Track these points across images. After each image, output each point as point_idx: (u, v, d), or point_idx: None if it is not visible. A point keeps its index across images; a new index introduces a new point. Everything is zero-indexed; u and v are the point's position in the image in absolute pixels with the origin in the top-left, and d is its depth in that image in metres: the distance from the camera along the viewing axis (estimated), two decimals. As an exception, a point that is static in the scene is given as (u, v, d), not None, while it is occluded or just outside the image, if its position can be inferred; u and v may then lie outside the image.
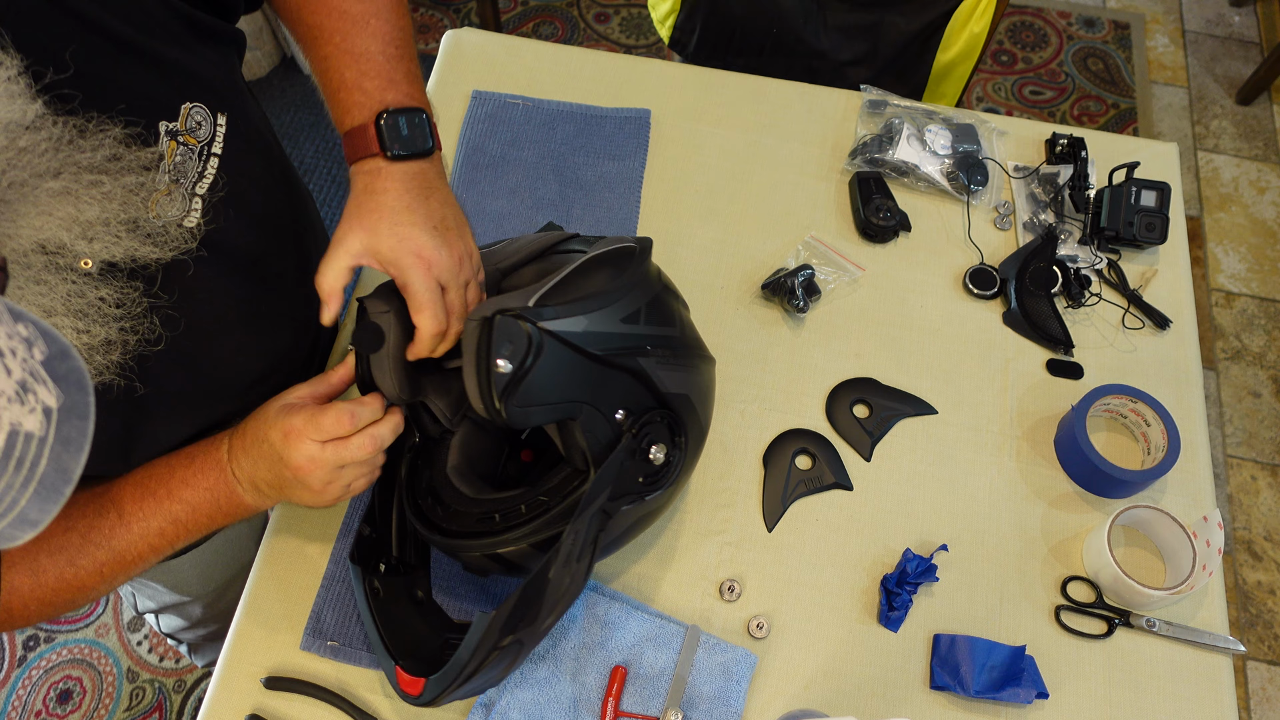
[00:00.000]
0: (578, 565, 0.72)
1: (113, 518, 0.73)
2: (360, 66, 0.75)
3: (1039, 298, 1.05)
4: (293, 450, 0.70)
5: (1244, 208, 2.30)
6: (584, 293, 0.72)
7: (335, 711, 0.82)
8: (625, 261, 0.77)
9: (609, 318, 0.72)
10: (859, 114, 1.18)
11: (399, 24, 0.79)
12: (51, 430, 0.38)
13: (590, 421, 0.72)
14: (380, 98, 0.75)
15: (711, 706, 0.82)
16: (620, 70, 1.22)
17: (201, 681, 1.69)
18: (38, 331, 0.38)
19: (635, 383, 0.74)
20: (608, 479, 0.72)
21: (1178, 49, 2.56)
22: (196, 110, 0.69)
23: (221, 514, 0.75)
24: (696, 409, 0.80)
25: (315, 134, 2.32)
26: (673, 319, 0.79)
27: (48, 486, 0.38)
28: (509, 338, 0.67)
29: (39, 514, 0.39)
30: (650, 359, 0.74)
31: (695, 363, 0.80)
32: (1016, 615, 0.89)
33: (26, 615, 0.72)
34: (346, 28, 0.76)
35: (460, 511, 0.77)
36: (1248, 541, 1.89)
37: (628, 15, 2.55)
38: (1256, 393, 2.06)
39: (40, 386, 0.38)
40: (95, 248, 0.61)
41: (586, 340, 0.70)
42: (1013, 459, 0.97)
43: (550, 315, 0.69)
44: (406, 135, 0.74)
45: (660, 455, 0.75)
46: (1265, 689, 1.76)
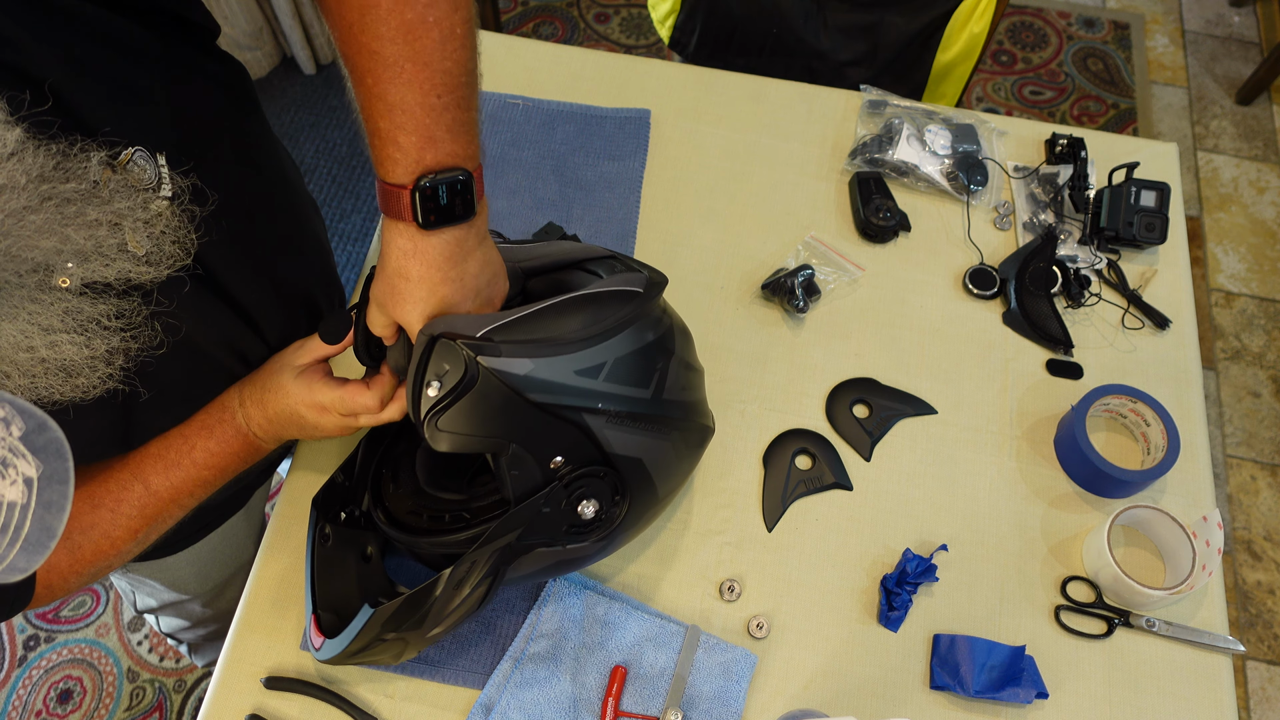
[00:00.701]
0: (472, 591, 0.73)
1: (139, 490, 0.76)
2: (394, 118, 0.66)
3: (1039, 298, 1.05)
4: (325, 422, 0.78)
5: (1244, 208, 2.30)
6: (547, 334, 0.70)
7: (335, 711, 0.82)
8: (615, 307, 0.73)
9: (561, 366, 0.70)
10: (859, 114, 1.18)
11: (445, 67, 0.67)
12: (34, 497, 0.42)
13: (517, 462, 0.70)
14: (418, 157, 0.67)
15: (711, 706, 0.82)
16: (620, 70, 1.22)
17: (201, 681, 1.69)
18: (14, 410, 0.42)
19: (579, 436, 0.71)
20: (517, 523, 0.71)
21: (1177, 49, 2.56)
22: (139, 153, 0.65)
23: (243, 461, 0.81)
24: (651, 475, 0.76)
25: (315, 134, 2.32)
26: (647, 379, 0.74)
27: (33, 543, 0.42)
28: (445, 362, 0.67)
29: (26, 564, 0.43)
30: (600, 418, 0.72)
31: (665, 429, 0.76)
32: (1016, 615, 0.89)
33: (66, 587, 0.76)
34: (377, 70, 0.66)
35: (404, 495, 0.81)
36: (1247, 541, 1.89)
37: (628, 15, 2.55)
38: (1256, 393, 2.06)
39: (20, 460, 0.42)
40: (88, 269, 0.61)
41: (527, 385, 0.68)
42: (1013, 459, 0.97)
43: (493, 351, 0.68)
44: (445, 204, 0.67)
45: (590, 511, 0.73)
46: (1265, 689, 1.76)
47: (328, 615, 0.80)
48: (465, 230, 0.69)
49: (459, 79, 0.68)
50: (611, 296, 0.74)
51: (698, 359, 0.84)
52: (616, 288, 0.75)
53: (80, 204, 0.59)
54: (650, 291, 0.76)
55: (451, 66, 0.67)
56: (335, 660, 0.76)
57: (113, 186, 0.62)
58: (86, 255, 0.60)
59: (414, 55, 0.65)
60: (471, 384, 0.67)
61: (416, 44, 0.65)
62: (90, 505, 0.74)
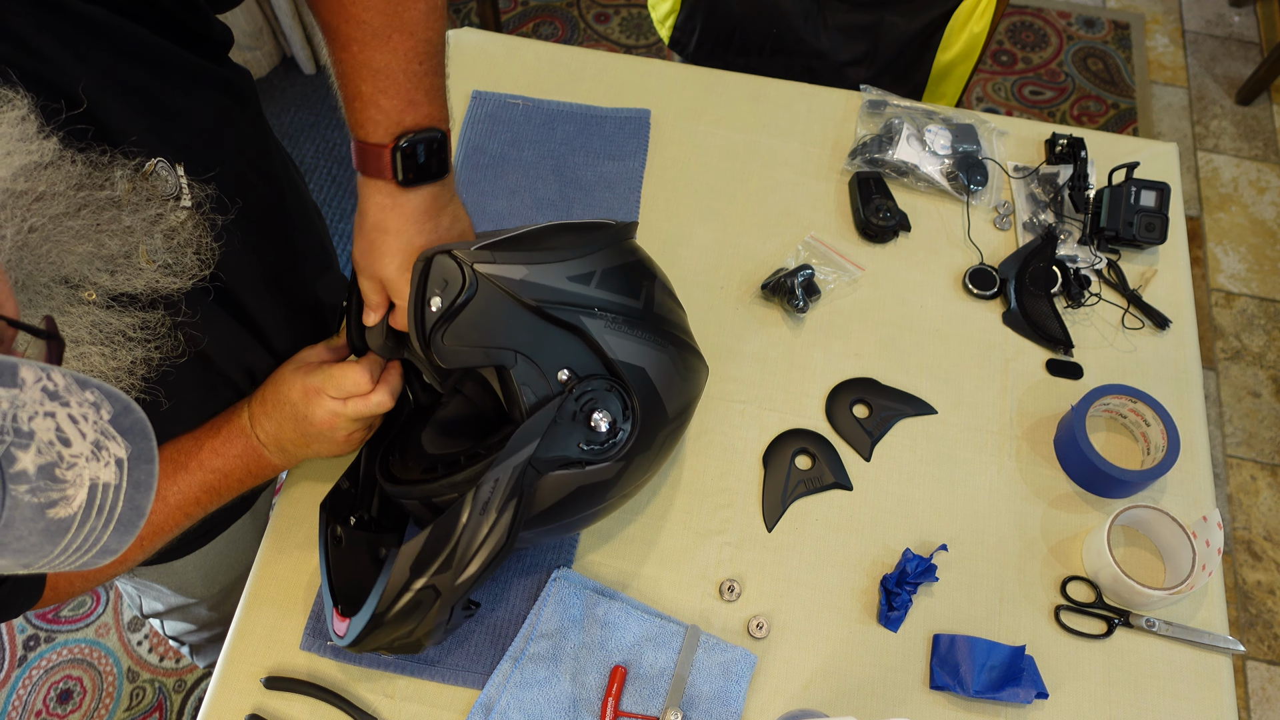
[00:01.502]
0: (498, 517, 0.72)
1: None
2: (378, 83, 0.72)
3: (1039, 298, 1.05)
4: (314, 408, 0.76)
5: (1244, 208, 2.30)
6: (538, 248, 0.73)
7: (335, 711, 0.82)
8: (596, 232, 0.78)
9: (553, 273, 0.72)
10: (859, 114, 1.18)
11: (426, 36, 0.73)
12: (125, 477, 0.43)
13: (526, 374, 0.72)
14: (398, 119, 0.72)
15: (711, 706, 0.82)
16: (620, 70, 1.22)
17: (201, 681, 1.69)
18: (102, 395, 0.42)
19: (581, 345, 0.73)
20: (535, 429, 0.71)
21: (1177, 49, 2.56)
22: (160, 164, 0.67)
23: (251, 476, 0.80)
24: (656, 388, 0.77)
25: (315, 134, 2.32)
26: (636, 291, 0.77)
27: (124, 523, 0.43)
28: (444, 276, 0.70)
29: (118, 544, 0.43)
30: (598, 321, 0.73)
31: (661, 341, 0.78)
32: (1016, 615, 0.89)
33: (71, 590, 0.75)
34: (365, 38, 0.71)
35: (411, 465, 0.81)
36: (1247, 541, 1.89)
37: (628, 15, 2.55)
38: (1256, 393, 2.06)
39: (111, 442, 0.42)
40: (117, 280, 0.62)
41: (523, 289, 0.71)
42: (1013, 459, 0.97)
43: (488, 259, 0.70)
44: (423, 163, 0.72)
45: (604, 423, 0.73)
46: (1265, 689, 1.76)
47: (350, 609, 0.77)
48: (439, 187, 0.74)
49: (436, 47, 0.74)
50: (589, 225, 0.78)
51: (677, 298, 0.85)
52: (592, 220, 0.80)
53: (114, 210, 0.60)
54: (622, 224, 0.81)
55: (433, 36, 0.73)
56: (361, 641, 0.73)
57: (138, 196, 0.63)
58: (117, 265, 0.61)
59: (401, 25, 0.71)
60: (473, 292, 0.70)
61: (404, 15, 0.71)
62: None
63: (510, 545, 0.73)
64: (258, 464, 0.80)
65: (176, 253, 0.66)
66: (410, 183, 0.72)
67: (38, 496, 0.40)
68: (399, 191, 0.72)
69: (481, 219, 1.09)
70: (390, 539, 0.86)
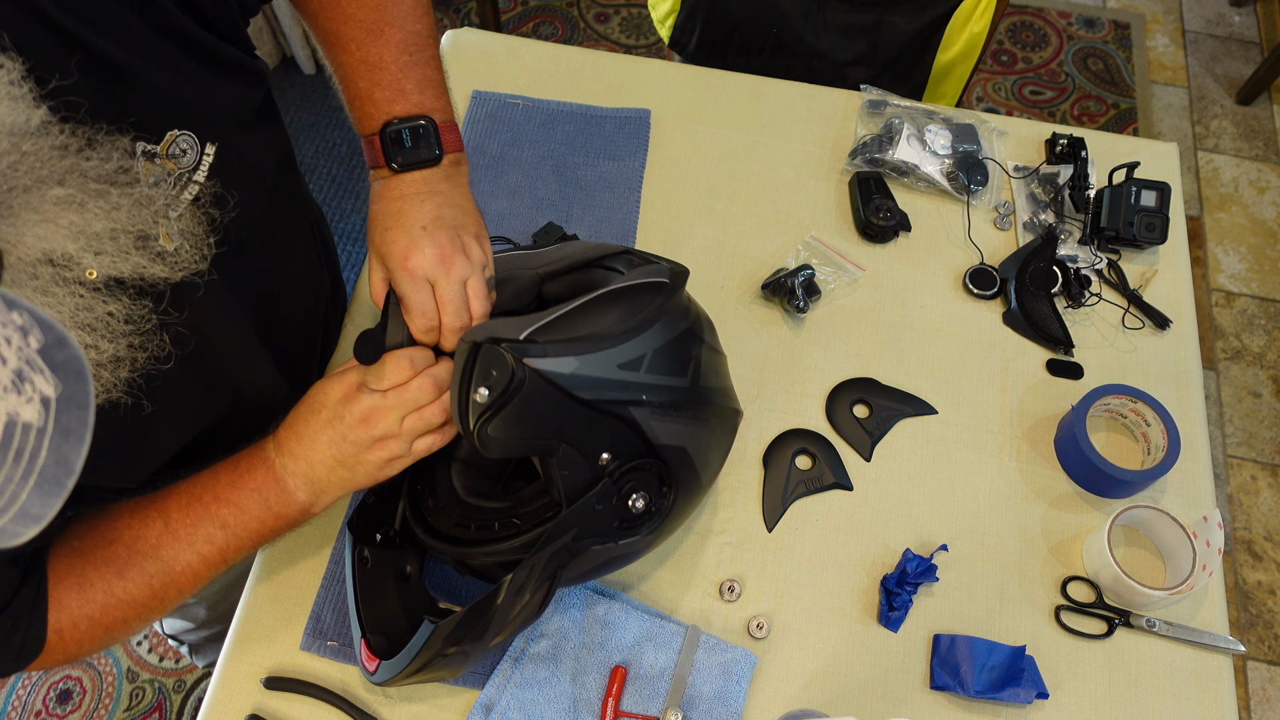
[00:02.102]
0: (531, 597, 0.72)
1: (158, 526, 0.71)
2: (373, 77, 0.76)
3: (1039, 298, 1.05)
4: (354, 404, 0.71)
5: (1244, 208, 2.30)
6: (586, 331, 0.70)
7: (335, 711, 0.82)
8: (647, 299, 0.74)
9: (604, 362, 0.70)
10: (859, 114, 1.18)
11: (415, 29, 0.79)
12: (50, 421, 0.37)
13: (568, 460, 0.70)
14: (388, 109, 0.76)
15: (711, 706, 0.82)
16: (620, 70, 1.22)
17: (201, 681, 1.69)
18: (33, 320, 0.37)
19: (625, 429, 0.71)
20: (572, 522, 0.70)
21: (1178, 49, 2.56)
22: (183, 138, 0.67)
23: (271, 514, 0.73)
24: (695, 463, 0.77)
25: (315, 134, 2.32)
26: (684, 368, 0.75)
27: (49, 479, 0.38)
28: (492, 368, 0.67)
29: (41, 508, 0.38)
30: (645, 409, 0.72)
31: (704, 415, 0.77)
32: (1016, 615, 0.89)
33: (78, 636, 0.70)
34: (361, 36, 0.77)
35: (445, 509, 0.78)
36: (1248, 541, 1.89)
37: (628, 15, 2.55)
38: (1256, 393, 2.06)
39: (37, 375, 0.37)
40: (103, 261, 0.60)
41: (574, 383, 0.68)
42: (1013, 459, 0.97)
43: (539, 352, 0.68)
44: (410, 146, 0.75)
45: (640, 504, 0.73)
46: (1265, 689, 1.76)
47: (376, 638, 0.78)
48: (434, 172, 0.76)
49: (426, 39, 0.79)
50: (640, 289, 0.75)
51: (720, 346, 0.84)
52: (644, 280, 0.76)
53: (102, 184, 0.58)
54: (676, 282, 0.77)
55: (420, 29, 0.79)
56: (393, 682, 0.75)
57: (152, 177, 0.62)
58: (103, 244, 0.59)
59: (392, 19, 0.77)
60: (520, 387, 0.67)
61: (395, 9, 0.77)
62: (108, 539, 0.70)
63: (540, 614, 0.75)
64: (279, 498, 0.73)
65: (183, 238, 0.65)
66: (402, 167, 0.75)
67: None
68: (392, 176, 0.76)
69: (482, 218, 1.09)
70: (413, 555, 0.84)
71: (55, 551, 0.70)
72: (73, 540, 0.71)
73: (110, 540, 0.70)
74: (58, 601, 0.68)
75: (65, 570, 0.69)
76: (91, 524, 0.72)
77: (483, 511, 0.76)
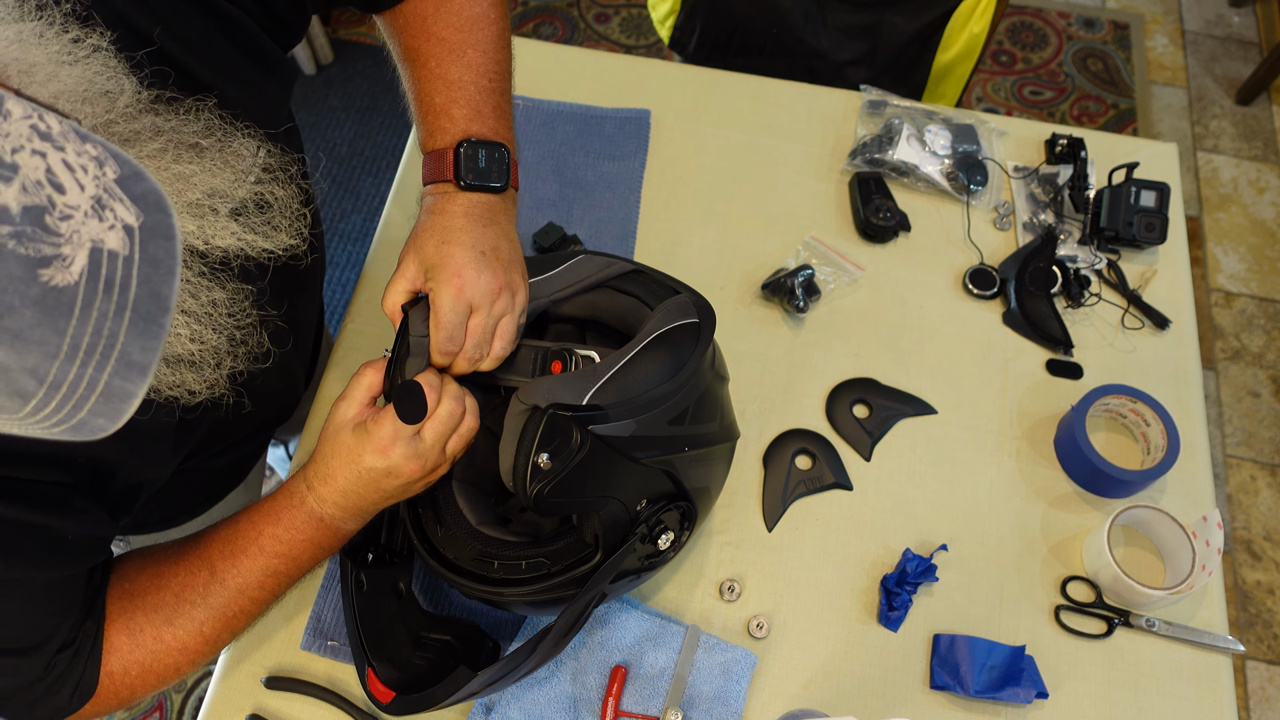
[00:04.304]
0: (565, 639, 0.73)
1: (205, 575, 0.71)
2: (450, 93, 0.77)
3: (1039, 298, 1.05)
4: (394, 460, 0.68)
5: (1243, 208, 2.30)
6: (638, 388, 0.70)
7: (335, 711, 0.82)
8: (685, 343, 0.74)
9: (658, 420, 0.71)
10: (859, 114, 1.18)
11: (497, 58, 0.80)
12: (136, 249, 0.35)
13: (611, 512, 0.71)
14: (465, 127, 0.76)
15: (711, 706, 0.82)
16: (620, 70, 1.22)
17: (201, 681, 1.68)
18: (108, 153, 0.36)
19: (664, 478, 0.73)
20: (610, 573, 0.71)
21: (1177, 49, 2.56)
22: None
23: (320, 549, 0.74)
24: (712, 496, 0.80)
25: (315, 134, 2.32)
26: (715, 412, 0.77)
27: (143, 315, 0.36)
28: (557, 435, 0.67)
29: (142, 354, 0.36)
30: (685, 458, 0.74)
31: (724, 452, 0.80)
32: (1016, 615, 0.89)
33: (129, 681, 0.69)
34: (443, 54, 0.77)
35: (458, 539, 0.75)
36: (1247, 541, 1.90)
37: (628, 15, 2.55)
38: (1256, 393, 2.06)
39: (117, 204, 0.35)
40: (206, 229, 0.56)
41: (631, 445, 0.70)
42: (1013, 459, 0.97)
43: (602, 419, 0.68)
44: (483, 167, 0.75)
45: (667, 543, 0.75)
46: (1265, 689, 1.76)
47: (383, 667, 0.77)
48: (496, 199, 0.76)
49: (504, 70, 0.81)
50: (678, 333, 0.74)
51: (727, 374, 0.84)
52: (678, 323, 0.75)
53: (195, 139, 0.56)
54: (707, 323, 0.77)
55: (501, 58, 0.81)
56: (409, 712, 0.74)
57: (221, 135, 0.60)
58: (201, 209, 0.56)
59: (475, 42, 0.78)
60: (582, 453, 0.67)
61: (479, 34, 0.79)
62: (156, 585, 0.70)
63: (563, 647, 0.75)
64: (326, 534, 0.73)
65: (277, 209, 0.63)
66: (469, 186, 0.74)
67: (25, 247, 0.33)
68: (455, 191, 0.74)
69: (481, 219, 1.09)
70: (404, 572, 0.83)
71: (109, 592, 0.70)
72: (123, 582, 0.70)
73: (158, 587, 0.70)
74: (109, 644, 0.68)
75: (116, 612, 0.68)
76: (140, 566, 0.71)
77: (504, 546, 0.75)
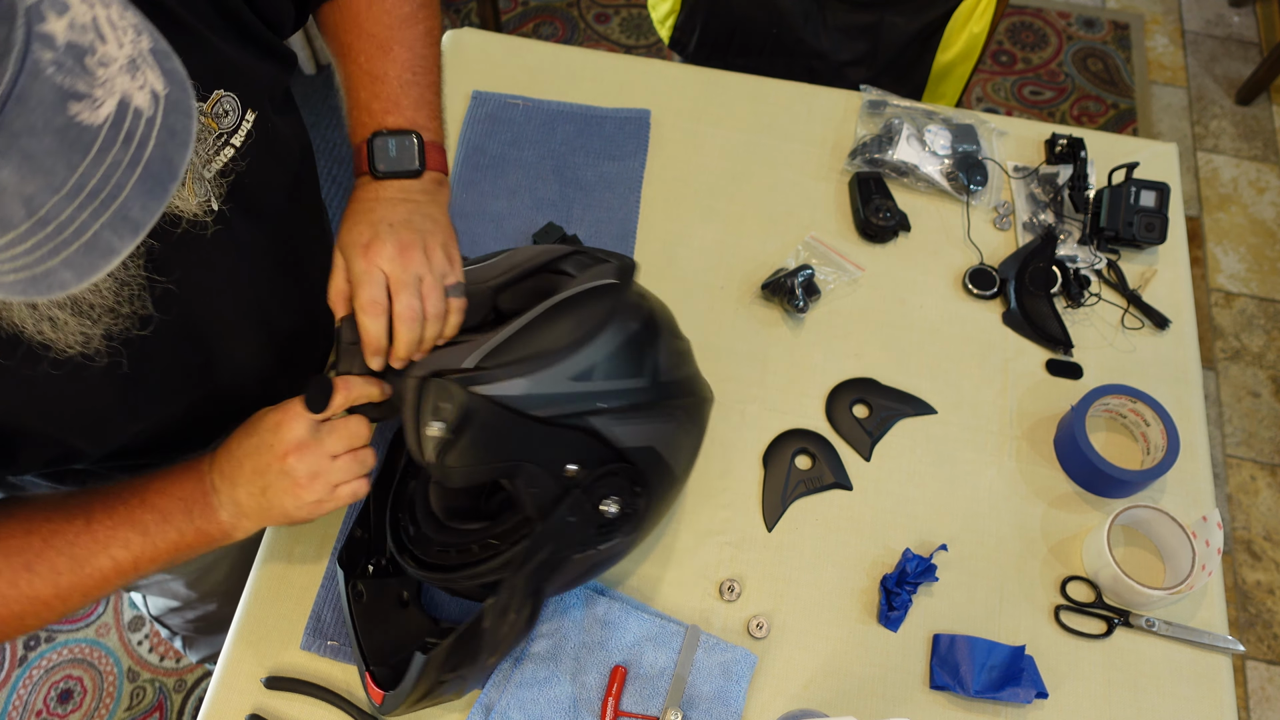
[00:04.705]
0: (518, 615, 0.72)
1: (79, 523, 0.70)
2: (373, 89, 0.81)
3: (1039, 298, 1.05)
4: (285, 432, 0.69)
5: (1243, 208, 2.30)
6: (537, 348, 0.70)
7: (335, 711, 0.82)
8: (596, 304, 0.74)
9: (555, 378, 0.69)
10: (859, 114, 1.18)
11: (423, 54, 0.83)
12: (160, 114, 0.37)
13: (534, 478, 0.70)
14: (381, 120, 0.80)
15: (711, 706, 0.82)
16: (620, 70, 1.22)
17: (202, 681, 1.69)
18: (145, 29, 0.37)
19: (588, 439, 0.71)
20: (546, 538, 0.71)
21: (1177, 49, 2.56)
22: (227, 99, 0.69)
23: (192, 528, 0.72)
24: (666, 459, 0.76)
25: (316, 134, 2.32)
26: (640, 368, 0.74)
27: (153, 176, 0.37)
28: (442, 401, 0.67)
29: (142, 212, 0.37)
30: (604, 417, 0.71)
31: (669, 411, 0.76)
32: (1016, 615, 0.89)
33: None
34: (371, 50, 0.81)
35: (426, 537, 0.78)
36: (1247, 541, 1.90)
37: (628, 15, 2.55)
38: (1256, 393, 2.06)
39: (149, 69, 0.36)
40: None
41: (527, 403, 0.68)
42: (1013, 459, 0.97)
43: (487, 379, 0.68)
44: (394, 156, 0.79)
45: (614, 509, 0.73)
46: (1264, 689, 1.76)
47: (381, 670, 0.77)
48: (412, 182, 0.79)
49: (430, 64, 0.84)
50: (587, 295, 0.74)
51: (681, 333, 0.83)
52: (590, 285, 0.75)
53: None
54: (624, 281, 0.77)
55: (426, 54, 0.84)
56: (398, 712, 0.75)
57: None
58: None
59: (401, 39, 0.82)
60: (472, 415, 0.67)
61: (406, 32, 0.82)
62: (24, 529, 0.69)
63: (532, 627, 0.75)
64: (203, 512, 0.71)
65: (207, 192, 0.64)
66: (382, 175, 0.78)
67: (62, 77, 0.34)
68: (371, 181, 0.79)
69: (482, 219, 1.09)
70: (408, 582, 0.84)
71: None
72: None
73: (27, 530, 0.69)
74: None
75: None
76: (12, 512, 0.71)
77: (462, 535, 0.77)
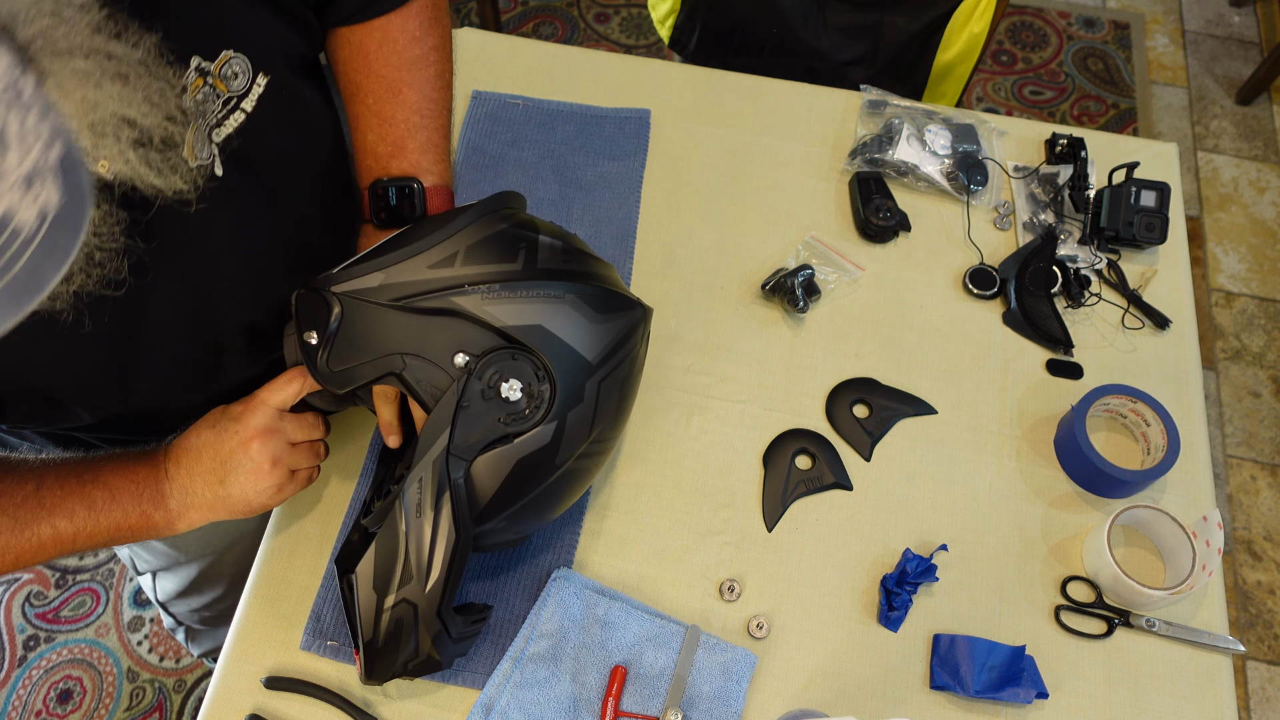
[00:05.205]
0: (436, 515, 0.71)
1: (29, 487, 0.71)
2: (380, 131, 0.82)
3: (1039, 298, 1.05)
4: (250, 419, 0.73)
5: (1244, 208, 2.30)
6: (397, 248, 0.73)
7: (335, 711, 0.82)
8: (461, 212, 0.75)
9: (412, 268, 0.72)
10: (859, 114, 1.18)
11: (433, 97, 0.84)
12: (43, 230, 0.37)
13: (420, 371, 0.71)
14: (385, 165, 0.81)
15: (711, 706, 0.82)
16: (620, 70, 1.22)
17: (201, 681, 1.69)
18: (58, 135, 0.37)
19: (466, 325, 0.72)
20: (442, 419, 0.70)
21: (1177, 49, 2.56)
22: (236, 60, 0.69)
23: (138, 510, 0.73)
24: (562, 339, 0.74)
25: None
26: (513, 254, 0.74)
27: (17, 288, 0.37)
28: (310, 308, 0.72)
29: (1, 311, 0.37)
30: (471, 297, 0.72)
31: (554, 291, 0.74)
32: (1016, 615, 0.89)
33: None
34: (380, 91, 0.82)
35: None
36: (1247, 541, 1.89)
37: (628, 15, 2.55)
38: (1256, 393, 2.06)
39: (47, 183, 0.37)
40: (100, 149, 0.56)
41: (383, 293, 0.71)
42: (1013, 459, 0.97)
43: (345, 278, 0.72)
44: (394, 205, 0.81)
45: (515, 391, 0.72)
46: (1265, 689, 1.76)
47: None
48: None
49: (440, 107, 0.85)
50: (459, 210, 0.77)
51: (594, 253, 0.82)
52: (462, 205, 0.79)
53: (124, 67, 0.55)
54: (496, 196, 0.78)
55: (437, 97, 0.84)
56: (371, 672, 0.75)
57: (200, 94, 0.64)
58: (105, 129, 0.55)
59: (412, 81, 0.82)
60: (339, 315, 0.71)
61: (417, 74, 0.83)
62: None
63: (467, 540, 0.73)
64: (152, 494, 0.73)
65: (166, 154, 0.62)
66: (383, 224, 0.81)
67: None
68: (373, 230, 0.81)
69: (481, 219, 1.09)
70: None
71: None
72: None
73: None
74: None
75: None
76: None
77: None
